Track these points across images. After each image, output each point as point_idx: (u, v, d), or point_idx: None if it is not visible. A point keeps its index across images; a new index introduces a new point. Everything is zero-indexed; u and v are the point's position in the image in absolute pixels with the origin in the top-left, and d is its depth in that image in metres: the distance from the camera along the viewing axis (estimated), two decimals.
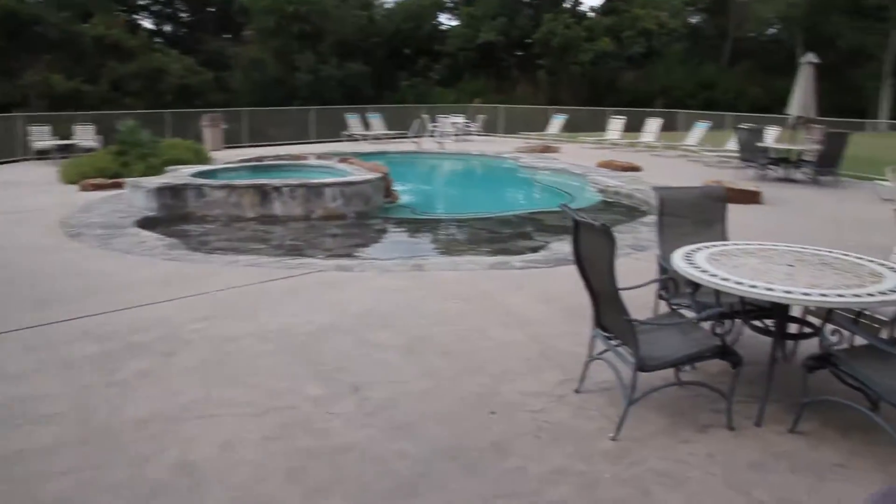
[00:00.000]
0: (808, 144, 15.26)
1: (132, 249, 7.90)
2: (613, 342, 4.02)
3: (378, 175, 11.39)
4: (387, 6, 47.09)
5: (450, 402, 4.07)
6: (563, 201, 12.78)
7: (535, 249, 8.45)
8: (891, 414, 3.59)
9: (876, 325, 4.25)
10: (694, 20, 53.49)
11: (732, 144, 18.50)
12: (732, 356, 3.72)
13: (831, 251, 4.56)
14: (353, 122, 22.43)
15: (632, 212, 11.57)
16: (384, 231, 10.29)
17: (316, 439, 3.63)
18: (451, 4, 47.15)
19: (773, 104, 44.36)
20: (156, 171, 12.50)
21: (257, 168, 13.25)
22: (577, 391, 4.21)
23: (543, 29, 41.11)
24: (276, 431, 3.70)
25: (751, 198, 11.65)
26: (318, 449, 3.53)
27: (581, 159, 18.03)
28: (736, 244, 4.71)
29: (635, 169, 16.02)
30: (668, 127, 22.55)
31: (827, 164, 14.28)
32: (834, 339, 3.65)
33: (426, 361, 4.64)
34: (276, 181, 10.61)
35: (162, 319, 5.43)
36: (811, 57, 15.37)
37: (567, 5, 45.07)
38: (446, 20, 47.49)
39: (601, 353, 4.17)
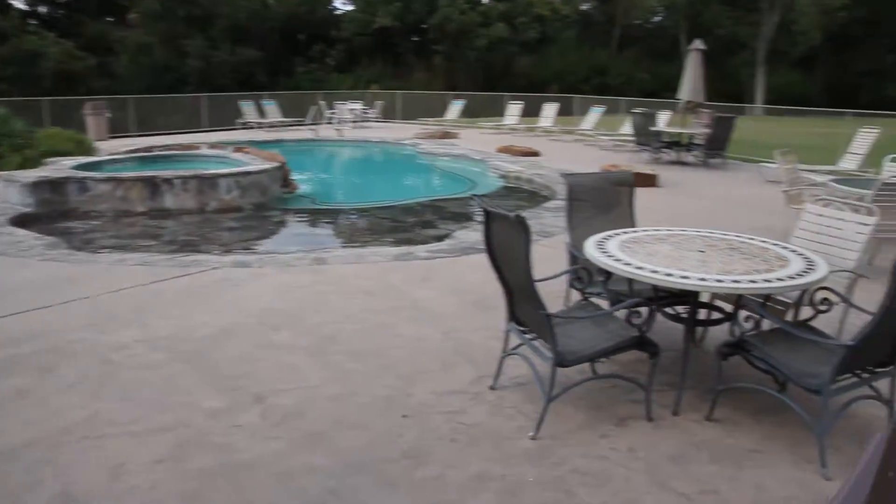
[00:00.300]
0: (698, 128, 15.76)
1: (6, 251, 7.23)
2: (528, 336, 3.90)
3: (275, 164, 10.95)
4: None
5: (361, 408, 3.84)
6: (464, 187, 12.77)
7: (439, 238, 8.28)
8: (798, 395, 3.62)
9: (781, 308, 4.30)
10: (584, 7, 54.67)
11: (627, 128, 18.94)
12: (650, 346, 3.66)
13: (738, 236, 4.59)
14: (248, 109, 21.63)
15: (534, 197, 11.58)
16: (283, 223, 9.87)
17: (216, 457, 3.32)
18: None
19: (660, 89, 45.95)
20: (34, 163, 11.59)
21: (146, 159, 12.51)
22: (492, 388, 4.06)
23: (439, 14, 41.05)
24: (170, 452, 3.37)
25: (648, 181, 11.88)
26: (218, 469, 3.23)
27: (480, 145, 18.02)
28: (646, 231, 4.68)
29: (534, 154, 16.12)
30: (564, 111, 22.88)
31: (715, 147, 14.79)
32: (748, 325, 3.64)
33: (334, 363, 4.39)
34: (166, 173, 10.01)
35: (40, 329, 4.93)
36: (698, 44, 15.83)
37: None
38: (341, 5, 46.95)
39: (516, 347, 4.04)
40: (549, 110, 22.21)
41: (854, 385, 3.47)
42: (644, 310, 3.64)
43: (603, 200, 5.29)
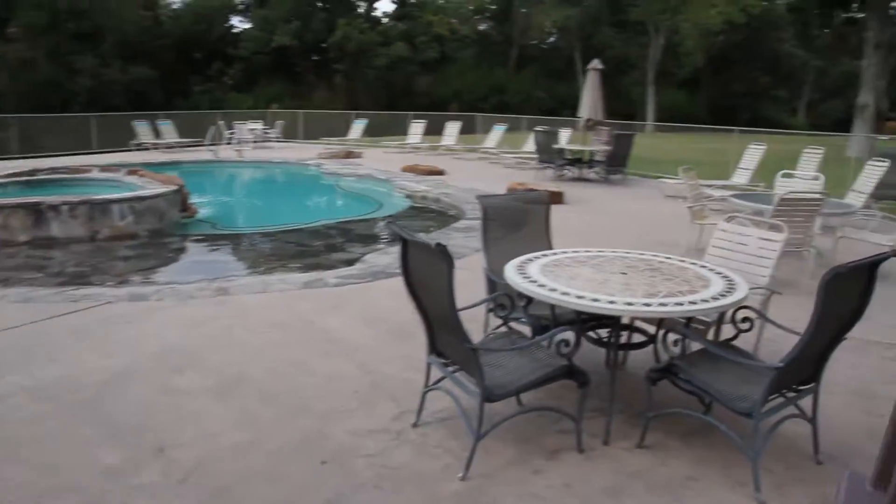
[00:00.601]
0: (598, 145, 16.10)
1: None
2: (451, 369, 3.71)
3: (172, 188, 10.41)
4: (174, 6, 44.47)
5: (274, 455, 3.54)
6: (371, 208, 12.52)
7: (349, 262, 8.01)
8: (725, 415, 3.58)
9: (702, 328, 4.28)
10: (483, 27, 55.62)
11: (529, 146, 19.15)
12: (580, 375, 3.53)
13: (656, 255, 4.55)
14: (143, 129, 20.71)
15: (442, 217, 11.46)
16: (183, 250, 9.36)
17: None
18: (243, 6, 45.43)
19: (558, 106, 47.32)
20: None
21: (30, 183, 11.67)
22: (415, 425, 3.84)
23: (338, 33, 40.78)
24: None
25: (555, 198, 11.93)
26: None
27: (385, 164, 17.84)
28: (565, 252, 4.58)
29: (439, 173, 16.07)
30: (466, 130, 23.01)
31: (616, 164, 15.14)
32: (676, 350, 3.56)
33: (243, 406, 4.06)
34: (52, 198, 9.32)
35: None
36: (596, 63, 16.21)
37: (361, 10, 44.96)
38: (239, 23, 45.73)
39: (438, 381, 3.84)
40: (452, 129, 22.27)
41: (781, 405, 3.44)
42: (572, 338, 3.51)
43: (518, 221, 5.18)
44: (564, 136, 17.18)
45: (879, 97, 27.13)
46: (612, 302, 3.49)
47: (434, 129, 23.42)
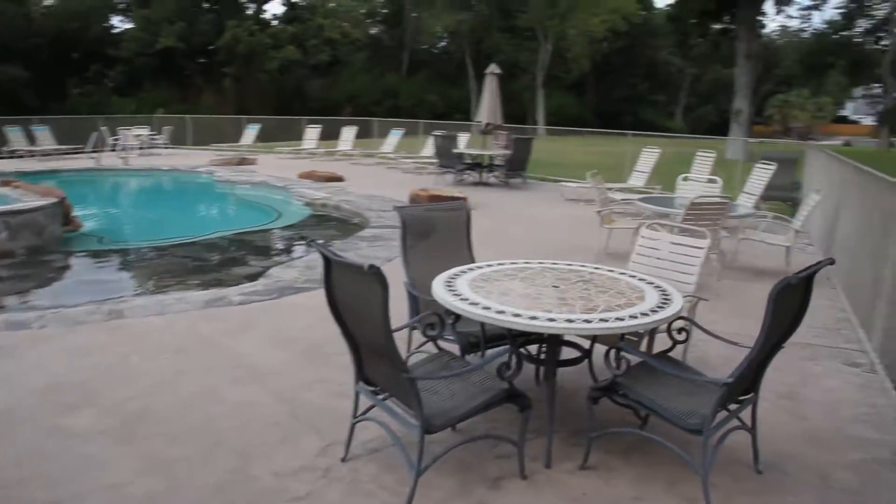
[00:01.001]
0: (497, 149, 16.14)
1: None
2: (381, 396, 3.45)
3: (52, 200, 9.60)
4: (47, 3, 41.76)
5: None
6: (270, 217, 12.02)
7: (252, 277, 7.58)
8: (661, 428, 3.49)
9: (634, 339, 4.19)
10: (374, 31, 55.35)
11: (427, 151, 19.06)
12: (522, 399, 3.34)
13: (584, 265, 4.44)
14: (15, 136, 19.27)
15: (345, 225, 11.13)
16: (67, 269, 8.61)
17: None
18: (123, 5, 43.22)
19: (450, 111, 47.65)
20: None
21: None
22: (344, 460, 3.54)
23: (227, 35, 39.46)
24: None
25: None
26: None
27: (280, 171, 17.30)
28: (490, 266, 4.39)
29: (338, 179, 15.70)
30: (362, 135, 22.65)
31: (516, 168, 15.21)
32: (620, 370, 3.43)
33: (148, 448, 3.65)
34: None
35: None
36: (494, 68, 16.25)
37: (250, 12, 43.72)
38: (119, 22, 43.44)
39: (367, 410, 3.57)
40: (349, 134, 21.90)
41: (726, 419, 3.37)
42: (513, 360, 3.32)
43: (439, 233, 4.97)
44: (463, 141, 17.14)
45: (749, 103, 28.70)
46: (551, 319, 3.32)
47: (329, 134, 22.97)
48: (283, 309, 6.16)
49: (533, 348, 4.30)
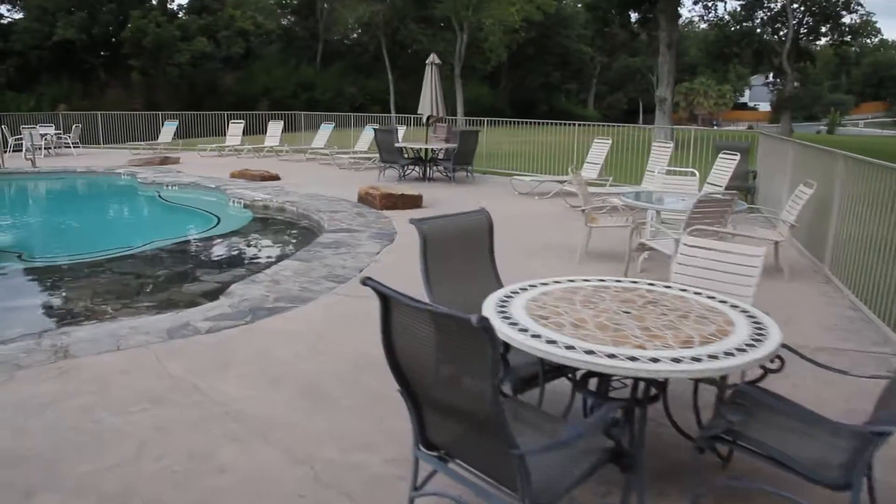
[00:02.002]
0: (438, 143, 15.52)
1: None
2: (448, 461, 2.79)
3: None
4: None
5: None
6: (209, 223, 11.02)
7: (209, 296, 6.73)
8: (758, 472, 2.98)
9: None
10: (286, 22, 53.74)
11: (361, 145, 18.30)
12: (628, 458, 2.75)
13: (635, 282, 3.88)
14: None
15: (293, 228, 10.31)
16: None
17: None
18: None
19: (369, 102, 46.75)
20: None
21: None
22: None
23: (132, 27, 37.28)
24: None
25: (413, 202, 11.19)
26: None
27: (208, 170, 16.21)
28: (534, 285, 3.77)
29: (273, 178, 14.78)
30: (287, 129, 21.63)
31: (462, 162, 14.62)
32: (737, 417, 2.86)
33: None
34: None
35: None
36: (434, 58, 15.61)
37: (154, 2, 41.45)
38: (7, 12, 40.32)
39: (427, 479, 2.91)
40: (275, 128, 20.89)
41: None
42: (620, 414, 2.72)
43: (461, 247, 4.33)
44: (400, 134, 16.43)
45: (653, 90, 28.98)
46: (655, 360, 2.74)
47: (252, 130, 21.86)
48: (261, 336, 5.38)
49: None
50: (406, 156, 14.93)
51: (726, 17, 43.87)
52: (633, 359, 2.75)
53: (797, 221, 7.39)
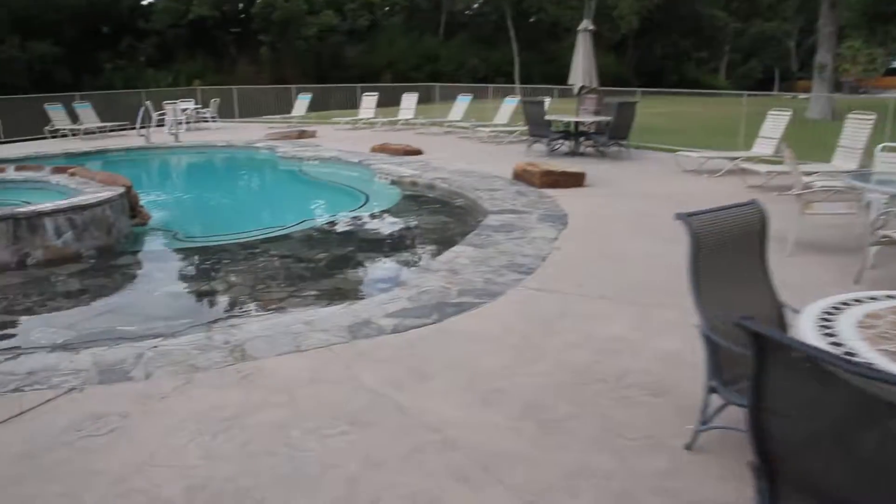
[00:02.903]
0: (587, 115, 14.46)
1: None
2: None
3: (119, 190, 8.17)
4: None
5: None
6: (358, 201, 10.48)
7: (381, 285, 6.11)
8: None
9: None
10: None
11: (500, 118, 17.44)
12: None
13: None
14: (57, 114, 17.93)
15: (448, 209, 9.58)
16: (146, 276, 7.09)
17: None
18: None
19: (493, 73, 45.67)
20: None
21: None
22: None
23: (261, 2, 37.76)
24: None
25: (576, 180, 10.25)
26: None
27: (346, 144, 15.79)
28: (857, 300, 2.82)
29: (416, 152, 14.14)
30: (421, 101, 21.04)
31: (618, 136, 13.48)
32: None
33: None
34: None
35: None
36: (587, 24, 14.52)
37: None
38: None
39: None
40: (410, 101, 20.29)
41: None
42: None
43: (730, 248, 3.40)
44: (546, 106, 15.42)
45: (790, 58, 26.48)
46: None
47: (383, 102, 21.42)
48: (454, 339, 4.65)
49: None
50: (558, 129, 13.95)
51: None
52: None
53: None
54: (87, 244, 7.42)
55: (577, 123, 13.87)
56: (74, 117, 18.25)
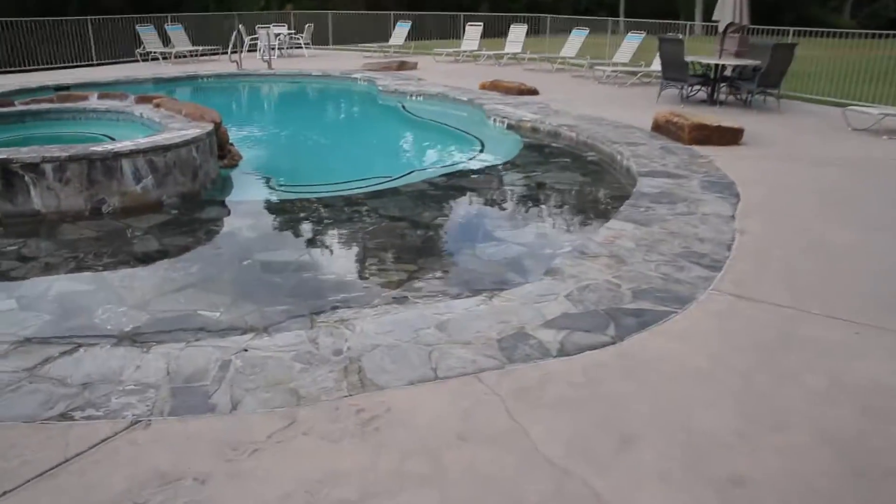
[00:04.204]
0: (729, 58, 12.58)
1: None
2: None
3: (206, 128, 7.07)
4: None
5: None
6: (473, 148, 9.17)
7: (518, 266, 4.85)
8: None
9: None
10: None
11: (621, 56, 15.65)
12: None
13: None
14: (149, 36, 17.08)
15: (580, 163, 8.18)
16: (235, 236, 5.85)
17: None
18: None
19: (595, 7, 42.80)
20: None
21: (2, 118, 8.29)
22: None
23: None
24: None
25: (732, 137, 8.64)
26: None
27: (451, 79, 14.39)
28: None
29: (531, 92, 12.68)
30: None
31: (769, 83, 11.59)
32: None
33: None
34: (30, 153, 6.01)
35: None
36: None
37: None
38: None
39: None
40: (518, 33, 18.58)
41: None
42: None
43: None
44: None
45: None
46: None
47: (484, 34, 19.76)
48: (647, 372, 3.35)
49: None
50: (697, 73, 12.17)
51: None
52: None
53: None
54: (170, 190, 6.39)
55: (720, 67, 12.03)
56: (166, 40, 17.38)
